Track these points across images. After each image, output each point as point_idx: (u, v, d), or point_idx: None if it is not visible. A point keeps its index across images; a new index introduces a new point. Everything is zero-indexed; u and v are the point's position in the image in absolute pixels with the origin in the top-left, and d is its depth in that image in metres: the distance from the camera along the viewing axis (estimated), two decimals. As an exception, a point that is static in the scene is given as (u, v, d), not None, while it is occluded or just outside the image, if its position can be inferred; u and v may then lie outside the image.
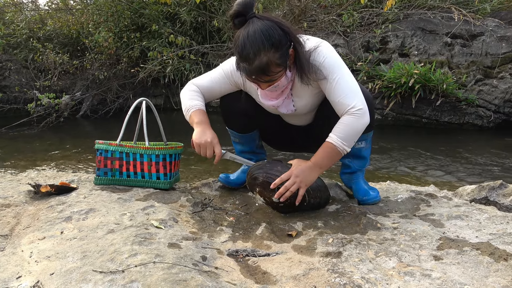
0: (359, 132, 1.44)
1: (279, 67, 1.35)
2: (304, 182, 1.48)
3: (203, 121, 1.60)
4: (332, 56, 1.45)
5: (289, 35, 1.36)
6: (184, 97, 1.67)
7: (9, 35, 6.55)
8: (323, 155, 1.48)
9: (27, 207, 1.66)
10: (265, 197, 1.56)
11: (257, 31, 1.31)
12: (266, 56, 1.31)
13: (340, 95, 1.42)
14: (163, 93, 6.53)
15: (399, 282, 1.07)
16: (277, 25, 1.33)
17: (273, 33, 1.31)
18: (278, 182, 1.48)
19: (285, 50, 1.35)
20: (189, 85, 1.69)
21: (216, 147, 1.55)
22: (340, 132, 1.43)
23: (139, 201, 1.67)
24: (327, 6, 5.79)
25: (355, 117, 1.41)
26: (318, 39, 1.49)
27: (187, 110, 1.63)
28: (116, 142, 1.85)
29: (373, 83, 4.76)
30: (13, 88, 6.51)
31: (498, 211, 1.52)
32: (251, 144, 1.84)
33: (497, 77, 4.63)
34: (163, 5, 5.88)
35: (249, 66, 1.33)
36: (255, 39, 1.30)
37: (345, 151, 1.46)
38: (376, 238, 1.34)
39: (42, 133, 5.08)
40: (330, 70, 1.43)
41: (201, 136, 1.55)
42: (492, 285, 1.03)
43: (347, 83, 1.43)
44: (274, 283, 1.11)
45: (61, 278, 1.08)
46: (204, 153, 1.56)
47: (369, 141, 1.71)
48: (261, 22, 1.33)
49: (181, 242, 1.30)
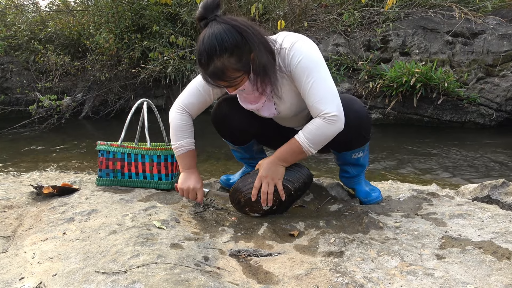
0: (328, 137, 1.41)
1: (237, 72, 1.30)
2: (275, 178, 1.49)
3: (188, 165, 1.64)
4: (309, 56, 1.38)
5: (248, 38, 1.29)
6: (172, 127, 1.63)
7: (10, 37, 6.57)
8: (287, 151, 1.48)
9: (29, 209, 1.66)
10: (257, 211, 1.57)
11: (211, 36, 1.26)
12: (220, 61, 1.27)
13: (315, 99, 1.37)
14: (164, 93, 6.53)
15: (401, 282, 1.06)
16: (234, 29, 1.27)
17: (227, 38, 1.26)
18: (255, 193, 1.51)
19: (242, 55, 1.29)
20: (176, 106, 1.64)
21: (198, 192, 1.62)
22: (309, 133, 1.40)
23: (141, 202, 1.67)
24: (327, 5, 5.79)
25: (327, 122, 1.37)
26: (296, 37, 1.42)
27: (174, 149, 1.65)
28: (117, 143, 1.85)
29: (374, 82, 4.76)
30: (15, 90, 6.53)
31: (501, 210, 1.52)
32: (250, 152, 1.84)
33: (499, 75, 4.61)
34: (163, 6, 5.88)
35: (205, 72, 1.31)
36: (208, 44, 1.26)
37: (310, 153, 1.44)
38: (378, 237, 1.34)
39: (43, 135, 5.09)
40: (307, 72, 1.36)
41: (184, 182, 1.63)
42: (495, 284, 1.03)
43: (323, 86, 1.36)
44: (276, 283, 1.11)
45: (64, 279, 1.08)
46: (187, 197, 1.64)
47: (367, 149, 1.69)
48: (217, 26, 1.27)
49: (183, 243, 1.30)
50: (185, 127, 1.62)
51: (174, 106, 1.64)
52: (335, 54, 5.14)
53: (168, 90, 6.47)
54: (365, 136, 1.60)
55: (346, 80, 5.03)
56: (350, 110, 1.47)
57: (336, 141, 1.50)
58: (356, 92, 4.91)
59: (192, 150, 1.65)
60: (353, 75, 5.08)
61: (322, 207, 1.66)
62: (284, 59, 1.40)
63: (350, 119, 1.45)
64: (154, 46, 5.93)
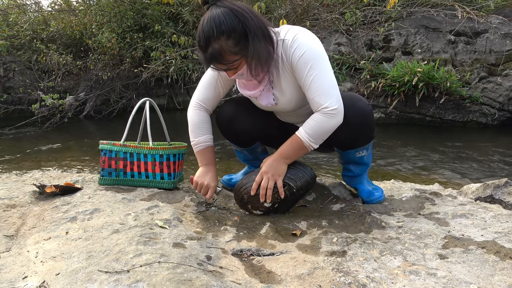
0: (328, 131, 1.42)
1: (235, 55, 1.32)
2: (275, 174, 1.49)
3: (207, 160, 1.66)
4: (312, 48, 1.39)
5: (245, 23, 1.30)
6: (190, 124, 1.66)
7: (13, 37, 6.58)
8: (289, 147, 1.49)
9: (32, 208, 1.67)
10: (258, 209, 1.57)
11: (210, 19, 1.29)
12: (218, 44, 1.29)
13: (316, 93, 1.38)
14: (166, 93, 6.54)
15: (404, 281, 1.06)
16: (232, 12, 1.29)
17: (224, 20, 1.28)
18: (255, 187, 1.51)
19: (240, 38, 1.30)
20: (193, 103, 1.67)
21: (210, 190, 1.63)
22: (309, 129, 1.42)
23: (143, 201, 1.68)
24: (329, 4, 5.78)
25: (327, 117, 1.38)
26: (298, 29, 1.44)
27: (193, 145, 1.67)
28: (120, 142, 1.85)
29: (376, 82, 4.75)
30: (18, 89, 6.55)
31: (504, 210, 1.51)
32: (255, 154, 1.85)
33: (501, 74, 4.60)
34: (165, 5, 5.88)
35: (203, 54, 1.33)
36: (206, 27, 1.29)
37: (311, 148, 1.46)
38: (381, 237, 1.34)
39: (46, 134, 5.10)
40: (309, 65, 1.37)
41: (201, 176, 1.64)
42: (498, 284, 1.03)
43: (323, 80, 1.38)
44: (279, 282, 1.11)
45: (67, 278, 1.08)
46: (199, 191, 1.65)
47: (370, 148, 1.69)
48: (217, 10, 1.29)
49: (186, 242, 1.30)
50: (202, 124, 1.65)
51: (191, 104, 1.67)
52: (337, 53, 5.13)
53: (170, 90, 6.47)
54: (369, 134, 1.60)
55: (348, 80, 5.02)
56: (355, 107, 1.47)
57: (340, 139, 1.50)
58: (358, 91, 4.90)
59: (211, 146, 1.66)
60: (355, 74, 5.07)
61: (324, 206, 1.66)
62: (287, 51, 1.41)
63: (354, 116, 1.45)
64: (156, 46, 5.93)
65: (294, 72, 1.42)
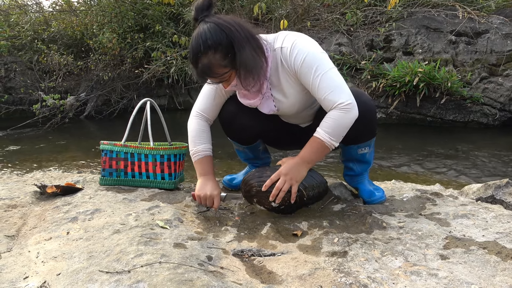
0: (347, 127, 1.43)
1: (224, 68, 1.36)
2: (294, 178, 1.48)
3: (205, 171, 1.64)
4: (312, 52, 1.41)
5: (230, 36, 1.33)
6: (190, 133, 1.67)
7: (14, 37, 6.59)
8: (310, 150, 1.48)
9: (33, 208, 1.67)
10: (264, 205, 1.56)
11: (197, 36, 1.34)
12: (207, 58, 1.33)
13: (326, 92, 1.39)
14: (167, 93, 6.54)
15: (405, 282, 1.06)
16: (218, 27, 1.33)
17: (210, 36, 1.32)
18: (269, 184, 1.50)
19: (228, 51, 1.33)
20: (193, 113, 1.68)
21: (215, 199, 1.59)
22: (328, 127, 1.42)
23: (144, 201, 1.68)
24: (330, 5, 5.78)
25: (343, 112, 1.39)
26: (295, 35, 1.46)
27: (191, 155, 1.67)
28: (121, 142, 1.85)
29: (377, 82, 4.75)
30: (19, 90, 6.56)
31: (505, 210, 1.51)
32: (256, 152, 1.84)
33: (502, 74, 4.59)
34: (166, 6, 5.89)
35: (195, 70, 1.38)
36: (194, 44, 1.34)
37: (333, 146, 1.45)
38: (382, 237, 1.34)
39: (47, 134, 5.11)
40: (313, 68, 1.40)
41: (201, 189, 1.61)
42: (500, 285, 1.03)
43: (331, 78, 1.40)
44: (280, 283, 1.11)
45: (68, 279, 1.08)
46: (204, 204, 1.62)
47: (372, 145, 1.69)
48: (204, 25, 1.34)
49: (187, 242, 1.30)
50: (201, 133, 1.65)
51: (191, 114, 1.68)
52: (337, 53, 5.13)
53: (171, 90, 6.48)
54: (372, 129, 1.61)
55: (349, 80, 5.01)
56: (359, 101, 1.48)
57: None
58: (359, 91, 4.90)
59: (209, 156, 1.66)
60: (356, 74, 5.07)
61: (325, 207, 1.66)
62: (287, 58, 1.44)
63: (359, 110, 1.45)
64: (157, 46, 5.93)
65: (299, 78, 1.45)
